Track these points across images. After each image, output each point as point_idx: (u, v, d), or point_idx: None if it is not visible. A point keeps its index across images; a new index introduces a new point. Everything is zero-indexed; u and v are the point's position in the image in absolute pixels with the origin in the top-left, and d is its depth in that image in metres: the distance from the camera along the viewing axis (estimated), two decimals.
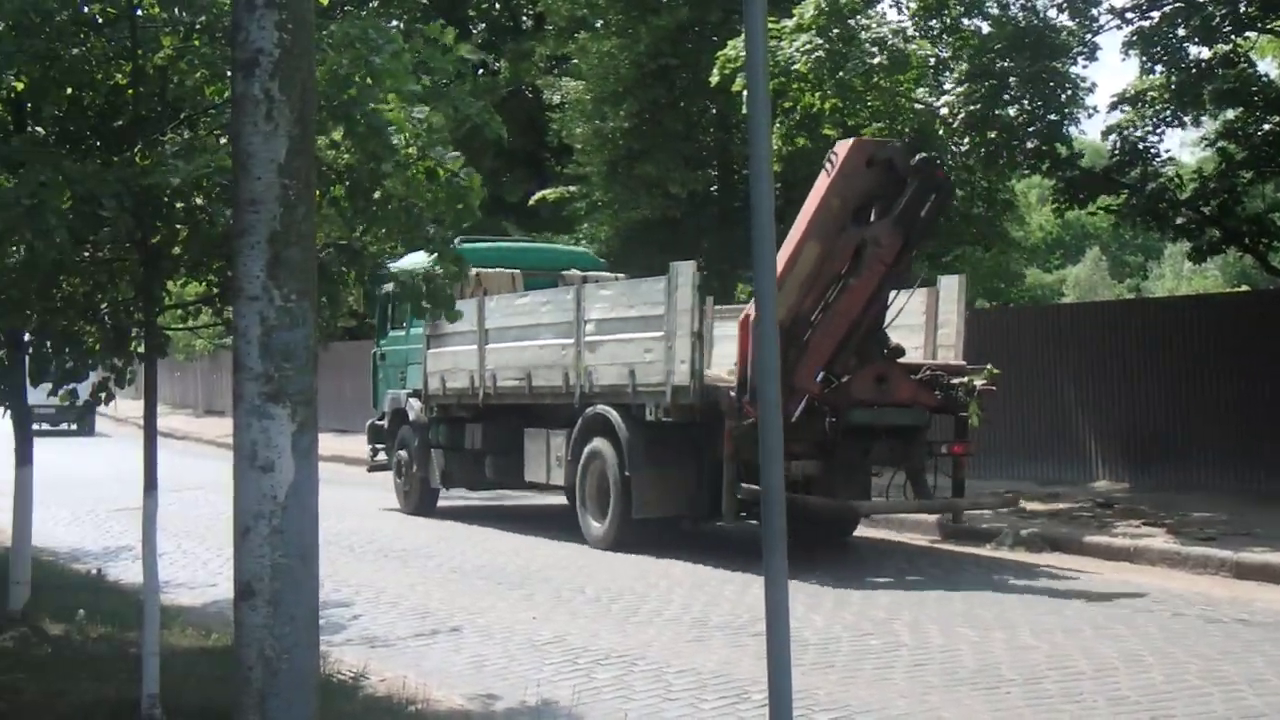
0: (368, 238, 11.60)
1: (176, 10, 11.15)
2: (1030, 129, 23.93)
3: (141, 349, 11.66)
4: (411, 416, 25.05)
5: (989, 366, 18.71)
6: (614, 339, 19.79)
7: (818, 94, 23.16)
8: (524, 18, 40.11)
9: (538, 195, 33.59)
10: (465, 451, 23.63)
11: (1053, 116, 23.97)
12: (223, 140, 10.79)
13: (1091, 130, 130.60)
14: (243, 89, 5.36)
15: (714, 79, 24.07)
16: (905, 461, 18.48)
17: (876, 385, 17.88)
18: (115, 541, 21.54)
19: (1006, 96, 23.71)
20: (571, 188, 32.53)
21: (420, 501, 24.93)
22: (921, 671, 11.76)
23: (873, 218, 17.82)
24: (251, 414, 5.20)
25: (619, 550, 19.29)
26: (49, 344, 12.13)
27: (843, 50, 22.75)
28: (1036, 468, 26.00)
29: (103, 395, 12.25)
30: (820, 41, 22.74)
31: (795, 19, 22.99)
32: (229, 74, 10.90)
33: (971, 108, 23.26)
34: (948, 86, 24.42)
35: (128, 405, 57.54)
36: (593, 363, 20.22)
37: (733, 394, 17.67)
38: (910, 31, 24.37)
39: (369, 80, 9.83)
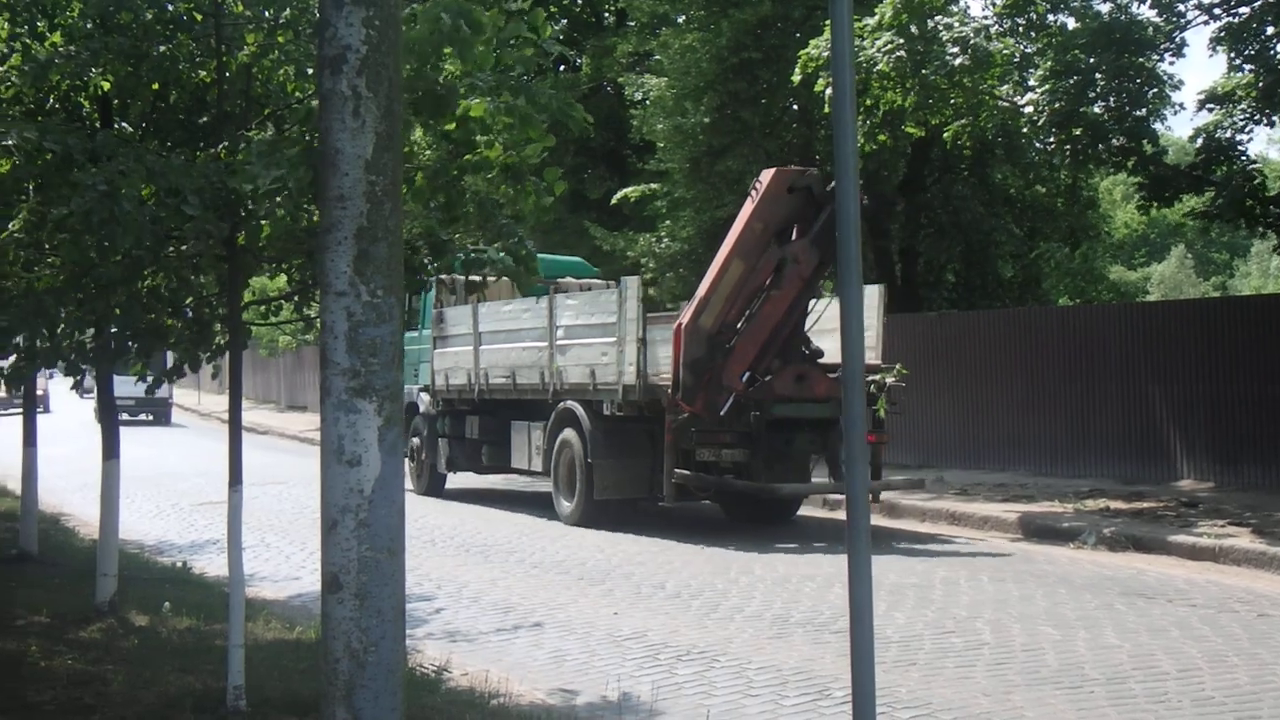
0: (450, 230, 11.65)
1: (262, 8, 11.26)
2: (1115, 126, 23.72)
3: (224, 342, 11.78)
4: (422, 409, 27.81)
5: (898, 366, 21.19)
6: (578, 343, 22.45)
7: (899, 91, 23.04)
8: (606, 14, 40.11)
9: (620, 194, 33.57)
10: (466, 440, 26.50)
11: (1138, 113, 23.75)
12: (307, 136, 10.87)
13: (1178, 127, 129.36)
14: (330, 86, 5.39)
15: (796, 77, 23.98)
16: (824, 449, 20.85)
17: (796, 383, 20.33)
18: (200, 535, 21.72)
19: (1091, 93, 23.51)
20: (653, 185, 32.49)
21: (430, 484, 27.90)
22: (1004, 670, 11.70)
23: (794, 237, 20.49)
24: (338, 409, 5.23)
25: (584, 526, 21.95)
26: (133, 337, 12.27)
27: (922, 50, 22.63)
28: (1119, 466, 25.80)
29: (174, 375, 12.45)
30: (900, 41, 22.62)
31: (876, 17, 22.88)
32: (313, 70, 11.06)
33: (1056, 105, 23.08)
34: (1032, 83, 24.23)
35: (211, 400, 58.11)
36: (562, 364, 22.88)
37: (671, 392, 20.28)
38: (994, 28, 24.18)
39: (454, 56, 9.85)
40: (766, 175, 20.57)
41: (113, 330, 12.43)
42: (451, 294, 26.86)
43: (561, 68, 38.33)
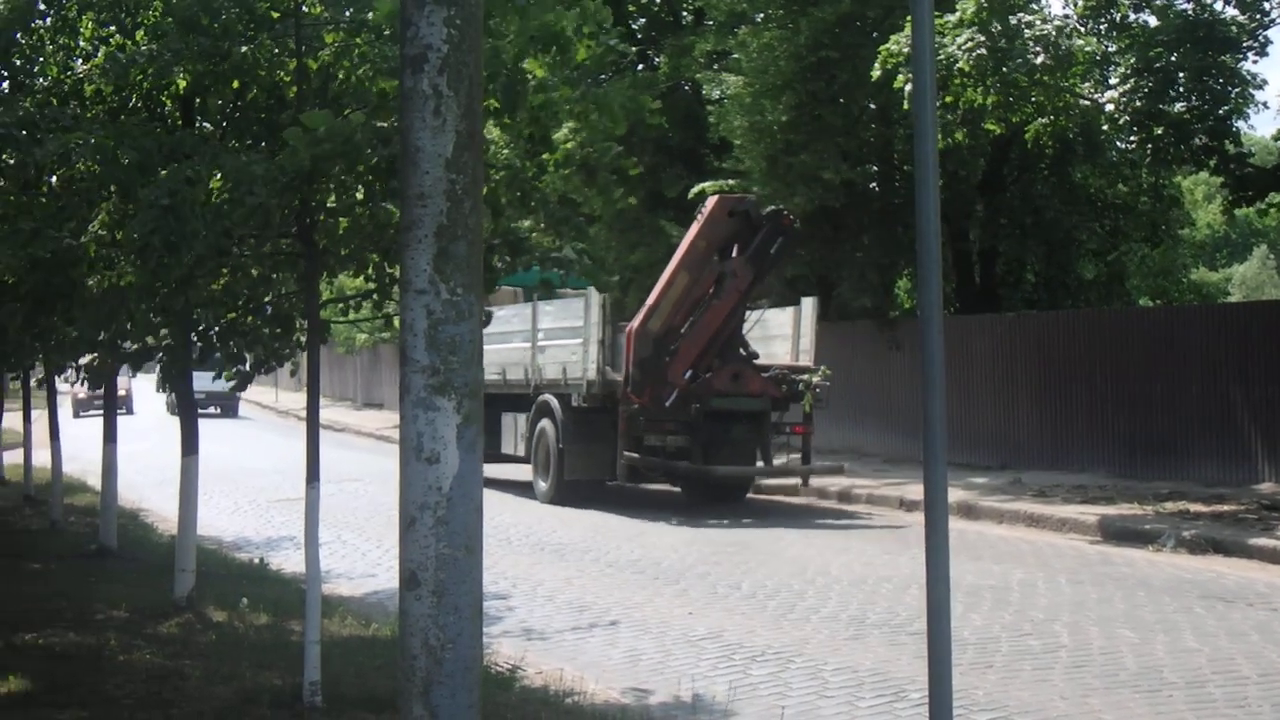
0: (526, 228, 11.69)
1: (342, 9, 11.32)
2: (1197, 125, 23.49)
3: (304, 339, 11.86)
4: None
5: (823, 368, 24.35)
6: (554, 344, 25.79)
7: (979, 90, 22.90)
8: (684, 13, 40.05)
9: (696, 189, 33.53)
10: None
11: (1220, 112, 23.51)
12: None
13: (1262, 126, 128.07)
14: (411, 84, 5.40)
15: (875, 74, 23.88)
16: (758, 438, 24.22)
17: (733, 380, 23.69)
18: (276, 531, 21.88)
19: (1173, 92, 23.29)
20: (730, 182, 32.45)
21: None
22: (1081, 673, 11.62)
23: (734, 255, 23.76)
24: (417, 406, 5.24)
25: (556, 504, 25.23)
26: (215, 334, 12.37)
27: (1004, 47, 22.47)
28: (1200, 469, 25.57)
29: (262, 370, 12.58)
30: (981, 39, 22.47)
31: (957, 14, 22.74)
32: (389, 69, 11.11)
33: (1137, 103, 22.88)
34: (1113, 81, 24.02)
35: (288, 397, 58.50)
36: (541, 362, 26.38)
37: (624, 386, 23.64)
38: (1074, 25, 23.97)
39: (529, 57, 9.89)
40: (710, 201, 24.08)
41: (194, 329, 12.56)
42: None
43: (639, 66, 38.30)
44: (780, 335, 25.78)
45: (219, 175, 9.72)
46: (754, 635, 13.33)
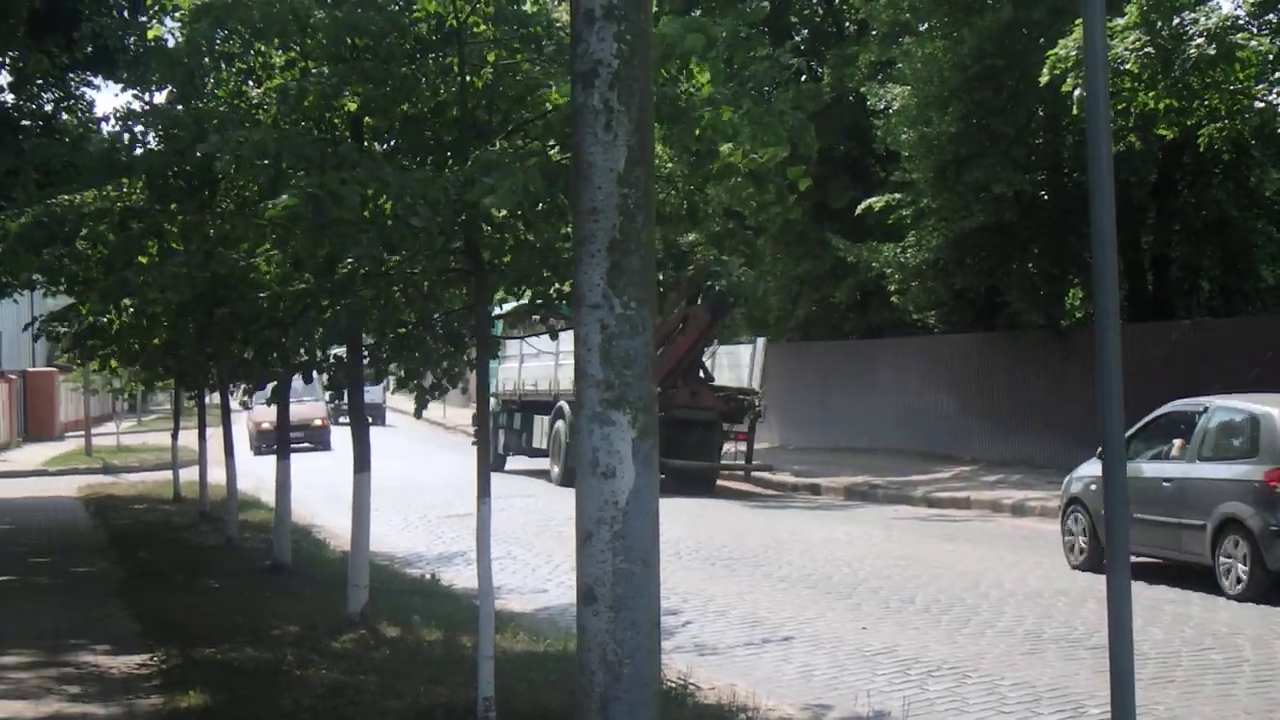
0: (691, 241, 11.67)
1: (504, 27, 11.37)
2: None
3: (473, 355, 11.94)
4: (493, 408, 35.16)
5: (760, 391, 32.31)
6: (567, 362, 29.12)
7: (1150, 94, 22.53)
8: (847, 23, 39.86)
9: (864, 204, 33.31)
10: (513, 430, 37.35)
11: None
12: (551, 149, 10.93)
13: None
14: (582, 100, 5.40)
15: (1044, 79, 23.55)
16: (709, 441, 31.52)
17: (691, 396, 31.07)
18: (447, 547, 22.03)
19: None
20: (897, 195, 32.19)
21: (495, 463, 34.63)
22: (1267, 689, 11.36)
23: (699, 301, 30.00)
24: (593, 420, 5.23)
25: (564, 486, 30.57)
26: (386, 350, 12.47)
27: (1170, 47, 22.08)
28: None
29: (436, 393, 12.69)
30: (1148, 38, 22.11)
31: (1126, 17, 22.40)
32: (551, 86, 11.14)
33: None
34: None
35: (456, 414, 58.98)
36: (559, 375, 32.91)
37: None
38: (1243, 19, 23.44)
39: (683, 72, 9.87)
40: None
41: (364, 344, 12.69)
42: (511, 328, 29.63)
43: (803, 78, 38.16)
44: (744, 365, 33.57)
45: (381, 191, 9.77)
46: (928, 650, 13.20)
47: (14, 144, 13.62)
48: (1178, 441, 17.50)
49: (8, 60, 13.87)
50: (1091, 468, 18.34)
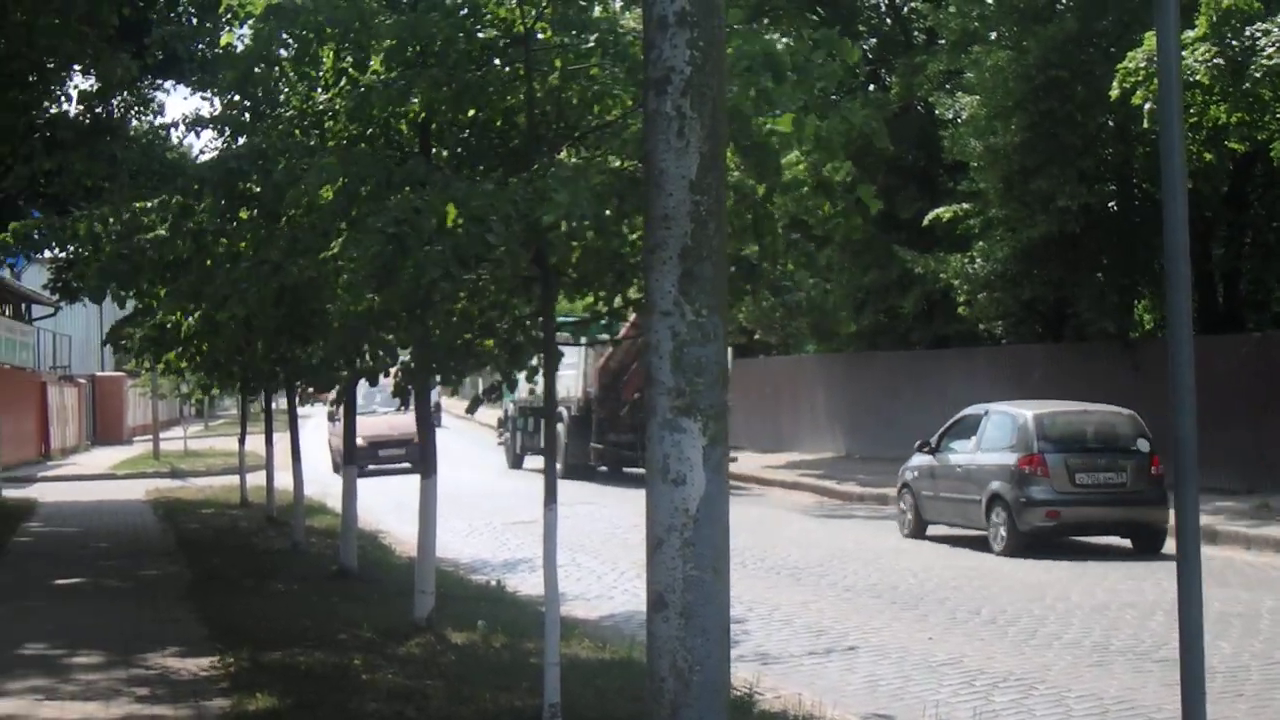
0: (759, 252, 11.63)
1: (571, 33, 11.39)
2: None
3: (539, 362, 11.96)
4: (512, 413, 41.44)
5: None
6: (565, 372, 33.06)
7: (1222, 107, 22.36)
8: (915, 32, 39.68)
9: (931, 214, 33.13)
10: (527, 432, 40.51)
11: None
12: (613, 161, 10.94)
13: None
14: (655, 107, 5.41)
15: (1114, 92, 23.40)
16: None
17: None
18: (513, 554, 22.07)
19: None
20: (965, 205, 32.00)
21: (513, 461, 42.26)
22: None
23: None
24: (664, 428, 5.24)
25: (566, 479, 31.71)
26: (449, 358, 12.50)
27: (1239, 59, 21.90)
28: None
29: (492, 396, 12.73)
30: (1217, 49, 21.95)
31: (1196, 29, 22.24)
32: (618, 93, 11.15)
33: None
34: None
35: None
36: (562, 385, 33.15)
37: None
38: None
39: (764, 105, 9.85)
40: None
41: (429, 351, 12.71)
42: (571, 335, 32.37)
43: (870, 87, 38.03)
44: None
45: (452, 206, 9.80)
46: (994, 661, 13.14)
47: (106, 149, 13.81)
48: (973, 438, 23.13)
49: (94, 68, 14.03)
50: (915, 460, 24.34)
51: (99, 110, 14.40)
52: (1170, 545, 22.67)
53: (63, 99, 21.21)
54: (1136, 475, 21.59)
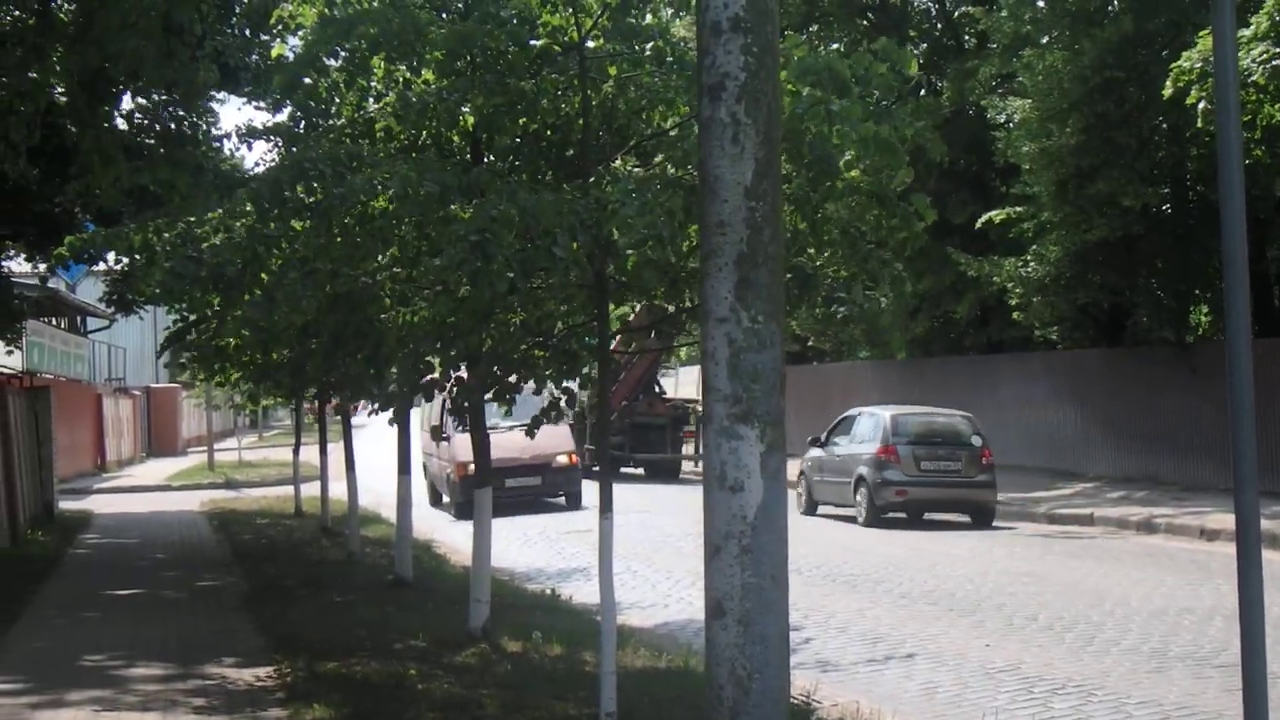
0: (817, 262, 11.59)
1: (624, 42, 11.38)
2: None
3: (594, 372, 11.94)
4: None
5: (698, 403, 32.00)
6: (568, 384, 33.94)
7: (1278, 106, 22.17)
8: (966, 36, 39.54)
9: (984, 217, 32.97)
10: None
11: None
12: (670, 170, 10.92)
13: None
14: (709, 113, 5.39)
15: (1167, 92, 23.24)
16: (663, 439, 40.32)
17: (648, 406, 39.96)
18: (567, 562, 22.05)
19: None
20: (1018, 208, 31.83)
21: None
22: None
23: (652, 335, 34.32)
24: (720, 435, 5.21)
25: None
26: (501, 368, 12.47)
27: None
28: None
29: (553, 414, 12.68)
30: (1278, 50, 21.75)
31: (1252, 28, 22.05)
32: (673, 100, 11.13)
33: None
34: None
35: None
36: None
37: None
38: None
39: (826, 123, 9.83)
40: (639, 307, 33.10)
41: (491, 362, 12.69)
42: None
43: (921, 91, 37.92)
44: (695, 381, 40.71)
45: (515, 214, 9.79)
46: (1052, 668, 13.06)
47: (189, 158, 13.87)
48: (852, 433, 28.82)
49: (178, 76, 14.07)
50: (810, 452, 30.13)
51: (180, 119, 14.43)
52: (1005, 521, 27.03)
53: (136, 112, 21.26)
54: (970, 464, 27.15)
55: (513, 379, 12.36)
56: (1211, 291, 31.60)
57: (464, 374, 12.80)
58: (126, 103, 19.61)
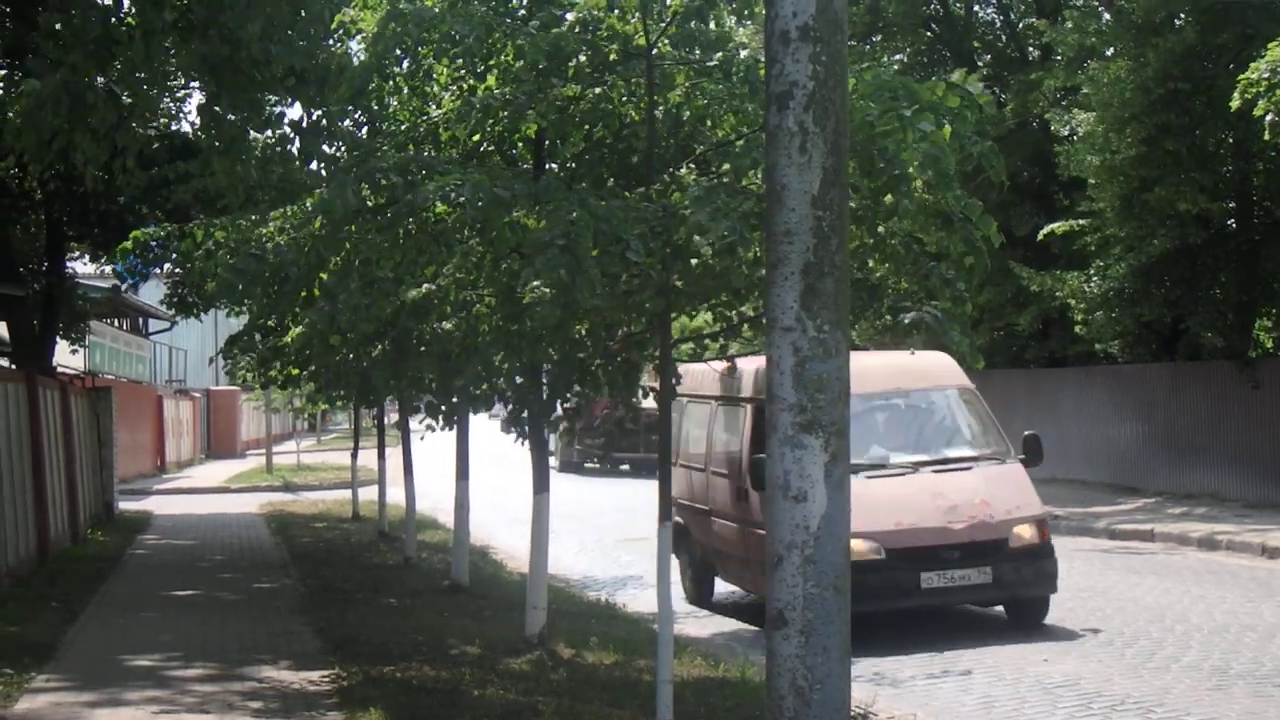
0: (879, 274, 11.54)
1: (692, 50, 11.37)
2: None
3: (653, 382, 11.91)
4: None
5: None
6: None
7: None
8: (1030, 49, 39.38)
9: (1046, 229, 32.80)
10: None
11: None
12: (734, 179, 10.89)
13: None
14: (776, 122, 5.37)
15: (1234, 103, 23.05)
16: (640, 441, 41.57)
17: (629, 413, 38.05)
18: (624, 570, 22.05)
19: None
20: (1081, 221, 31.64)
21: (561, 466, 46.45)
22: None
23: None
24: (785, 444, 5.19)
25: (564, 472, 42.80)
26: (566, 379, 12.45)
27: None
28: None
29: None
30: None
31: None
32: (741, 108, 11.11)
33: None
34: None
35: None
36: None
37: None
38: None
39: (900, 130, 9.78)
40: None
41: (546, 373, 12.68)
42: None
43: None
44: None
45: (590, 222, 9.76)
46: (1111, 684, 12.97)
47: (248, 154, 13.91)
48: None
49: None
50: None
51: (242, 119, 14.44)
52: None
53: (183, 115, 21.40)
54: None
55: (570, 388, 12.33)
56: (1275, 307, 31.36)
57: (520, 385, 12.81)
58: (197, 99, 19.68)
